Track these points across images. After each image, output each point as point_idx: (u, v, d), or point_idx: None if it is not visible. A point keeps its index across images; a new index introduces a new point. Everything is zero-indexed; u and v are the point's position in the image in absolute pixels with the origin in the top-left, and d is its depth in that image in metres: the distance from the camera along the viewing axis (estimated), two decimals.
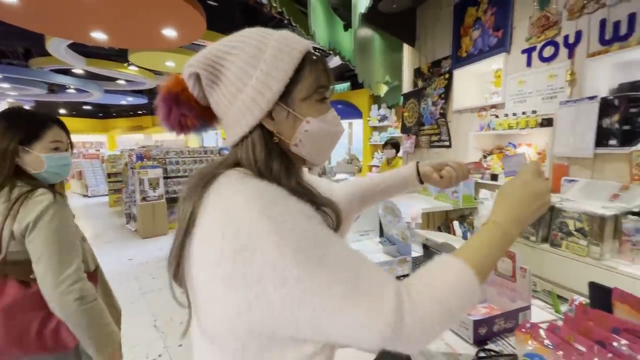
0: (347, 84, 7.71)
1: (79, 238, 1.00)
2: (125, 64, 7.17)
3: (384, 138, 6.07)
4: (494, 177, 2.46)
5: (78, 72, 7.87)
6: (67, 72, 7.91)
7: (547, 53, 2.14)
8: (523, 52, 2.30)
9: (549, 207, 1.78)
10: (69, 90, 9.47)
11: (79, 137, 13.77)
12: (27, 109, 1.01)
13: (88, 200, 8.89)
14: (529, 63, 2.27)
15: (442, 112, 3.10)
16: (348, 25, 3.57)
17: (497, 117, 2.52)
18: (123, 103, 12.24)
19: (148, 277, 3.62)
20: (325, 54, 5.88)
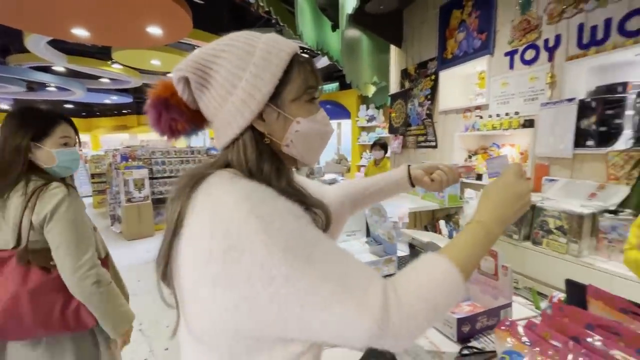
0: (335, 84, 7.73)
1: (91, 227, 1.08)
2: (109, 62, 7.00)
3: (373, 138, 6.12)
4: (479, 176, 2.51)
5: (59, 69, 7.64)
6: (47, 69, 7.67)
7: (528, 56, 2.20)
8: (506, 54, 2.36)
9: (530, 206, 1.83)
10: (50, 89, 9.19)
11: None
12: (36, 107, 1.06)
13: None
14: (512, 65, 2.32)
15: (428, 112, 3.14)
16: (336, 26, 3.57)
17: (481, 118, 2.58)
18: (107, 102, 11.95)
19: (134, 280, 3.54)
20: (314, 54, 5.89)
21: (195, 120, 0.55)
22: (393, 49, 3.68)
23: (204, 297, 0.44)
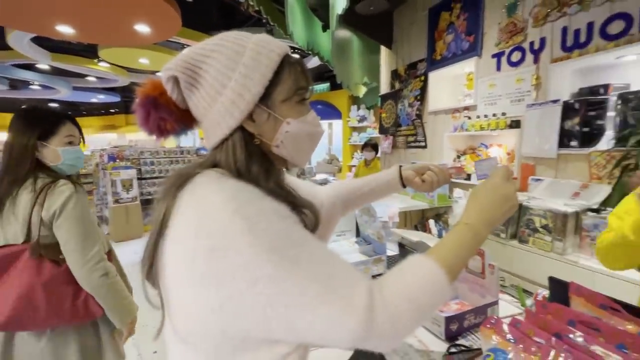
0: (326, 85, 7.74)
1: (97, 223, 1.13)
2: (95, 60, 6.85)
3: (364, 138, 6.15)
4: (468, 177, 2.55)
5: (43, 67, 7.45)
6: (30, 67, 7.47)
7: (514, 58, 2.25)
8: (493, 56, 2.40)
9: (517, 208, 1.87)
10: (33, 87, 8.94)
11: None
12: (42, 107, 1.10)
13: None
14: (499, 67, 2.37)
15: (418, 113, 3.17)
16: (326, 26, 3.58)
17: (469, 118, 2.62)
18: (94, 101, 11.69)
19: None
20: (304, 54, 5.88)
21: (185, 120, 0.54)
22: (383, 50, 3.70)
23: (189, 297, 0.43)
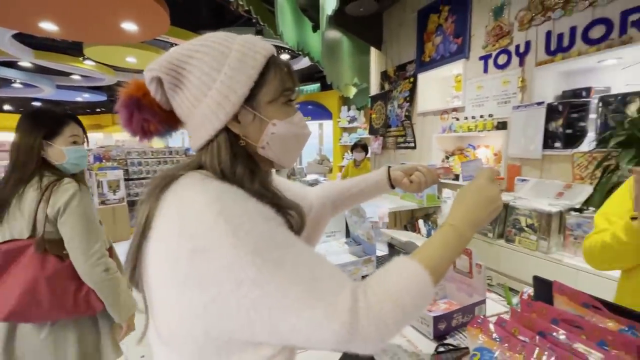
0: (317, 85, 7.73)
1: (99, 220, 1.16)
2: (80, 58, 6.68)
3: (354, 139, 6.17)
4: (456, 177, 2.58)
5: (25, 65, 7.22)
6: (12, 64, 7.23)
7: (501, 60, 2.29)
8: (480, 58, 2.44)
9: (504, 205, 1.90)
10: (15, 85, 8.66)
11: None
12: (47, 108, 1.15)
13: None
14: (486, 69, 2.41)
15: (407, 114, 3.20)
16: (317, 27, 3.58)
17: (457, 119, 2.65)
18: (79, 100, 11.40)
19: None
20: (294, 55, 5.86)
21: (169, 121, 0.54)
22: (373, 51, 3.73)
23: (172, 299, 0.43)
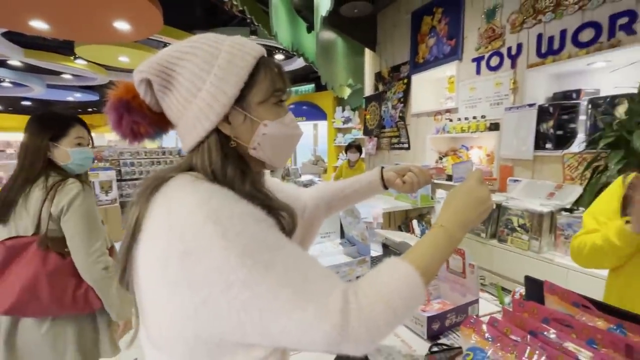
0: (311, 86, 7.73)
1: (101, 220, 1.18)
2: (72, 57, 6.58)
3: (348, 139, 6.19)
4: (449, 177, 2.61)
5: (15, 63, 7.10)
6: (1, 63, 7.11)
7: (493, 62, 2.32)
8: (473, 60, 2.47)
9: (496, 205, 1.91)
10: (4, 84, 8.50)
11: (18, 135, 12.42)
12: (54, 111, 1.19)
13: None
14: (478, 71, 2.44)
15: (401, 115, 3.22)
16: (311, 28, 3.58)
17: (451, 121, 2.68)
18: (70, 99, 11.23)
19: None
20: (289, 55, 5.86)
21: (159, 123, 0.54)
22: (367, 52, 3.74)
23: (163, 301, 0.43)
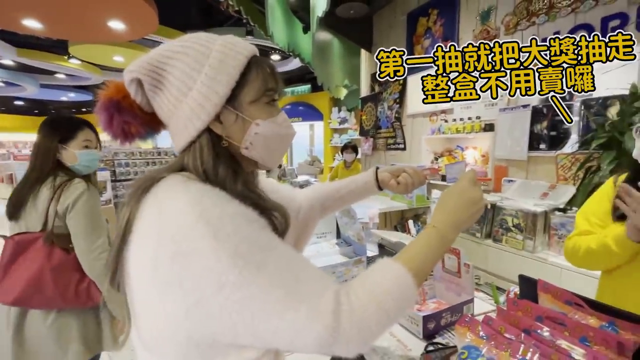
0: (307, 86, 7.74)
1: (105, 218, 1.23)
2: (66, 57, 6.52)
3: (345, 140, 6.19)
4: (443, 177, 2.62)
5: (7, 63, 7.01)
6: None
7: None
8: None
9: (491, 205, 1.92)
10: None
11: (10, 136, 12.26)
12: (64, 115, 1.30)
13: None
14: None
15: (397, 116, 3.24)
16: (307, 28, 3.59)
17: (446, 121, 2.70)
18: (63, 99, 11.13)
19: None
20: (285, 56, 5.85)
21: (151, 123, 0.53)
22: (363, 53, 3.75)
23: (154, 303, 0.43)
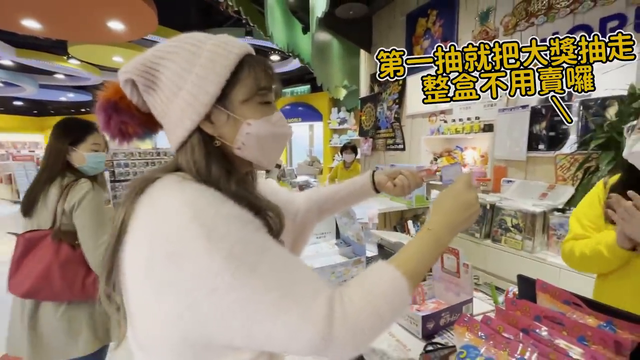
0: (307, 87, 7.75)
1: (109, 216, 1.28)
2: (65, 57, 6.52)
3: (344, 140, 6.19)
4: (441, 178, 2.62)
5: (6, 63, 7.01)
6: None
7: None
8: None
9: (490, 206, 1.92)
10: None
11: (9, 136, 12.25)
12: (76, 119, 1.34)
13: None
14: None
15: (396, 116, 3.24)
16: (307, 29, 3.59)
17: (445, 122, 2.70)
18: (63, 100, 11.12)
19: None
20: (285, 56, 5.86)
21: (148, 124, 0.54)
22: (363, 54, 3.75)
23: (149, 303, 0.43)
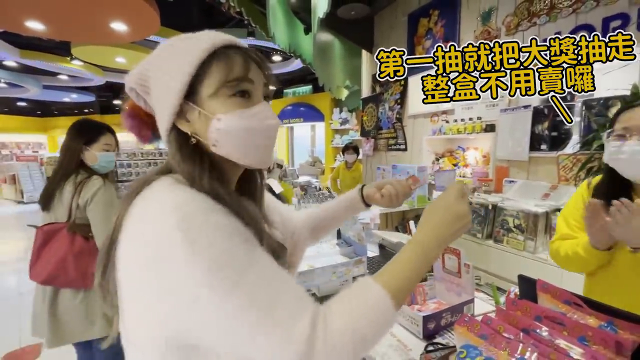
0: (309, 87, 7.76)
1: None
2: (68, 58, 6.56)
3: (346, 141, 6.19)
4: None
5: (10, 64, 7.06)
6: None
7: None
8: None
9: (492, 206, 1.92)
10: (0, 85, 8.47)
11: (12, 136, 12.35)
12: (90, 120, 1.43)
13: (24, 207, 7.95)
14: None
15: (398, 116, 3.24)
16: (309, 29, 3.60)
17: (447, 122, 2.70)
18: (66, 100, 11.19)
19: None
20: (287, 57, 5.87)
21: (154, 127, 0.54)
22: (364, 54, 3.75)
23: (136, 303, 0.44)
